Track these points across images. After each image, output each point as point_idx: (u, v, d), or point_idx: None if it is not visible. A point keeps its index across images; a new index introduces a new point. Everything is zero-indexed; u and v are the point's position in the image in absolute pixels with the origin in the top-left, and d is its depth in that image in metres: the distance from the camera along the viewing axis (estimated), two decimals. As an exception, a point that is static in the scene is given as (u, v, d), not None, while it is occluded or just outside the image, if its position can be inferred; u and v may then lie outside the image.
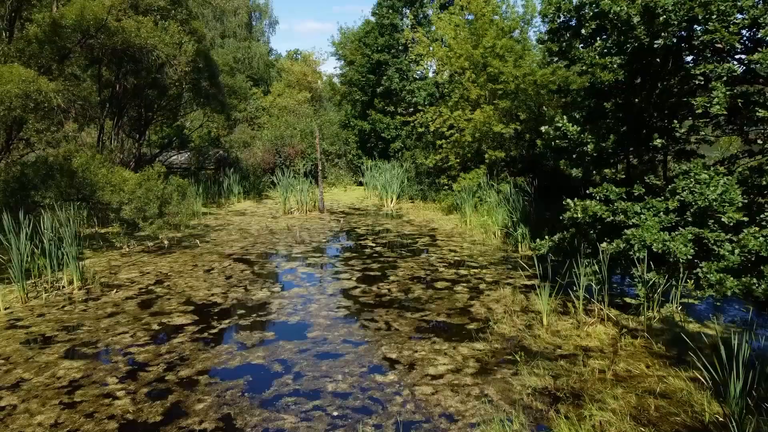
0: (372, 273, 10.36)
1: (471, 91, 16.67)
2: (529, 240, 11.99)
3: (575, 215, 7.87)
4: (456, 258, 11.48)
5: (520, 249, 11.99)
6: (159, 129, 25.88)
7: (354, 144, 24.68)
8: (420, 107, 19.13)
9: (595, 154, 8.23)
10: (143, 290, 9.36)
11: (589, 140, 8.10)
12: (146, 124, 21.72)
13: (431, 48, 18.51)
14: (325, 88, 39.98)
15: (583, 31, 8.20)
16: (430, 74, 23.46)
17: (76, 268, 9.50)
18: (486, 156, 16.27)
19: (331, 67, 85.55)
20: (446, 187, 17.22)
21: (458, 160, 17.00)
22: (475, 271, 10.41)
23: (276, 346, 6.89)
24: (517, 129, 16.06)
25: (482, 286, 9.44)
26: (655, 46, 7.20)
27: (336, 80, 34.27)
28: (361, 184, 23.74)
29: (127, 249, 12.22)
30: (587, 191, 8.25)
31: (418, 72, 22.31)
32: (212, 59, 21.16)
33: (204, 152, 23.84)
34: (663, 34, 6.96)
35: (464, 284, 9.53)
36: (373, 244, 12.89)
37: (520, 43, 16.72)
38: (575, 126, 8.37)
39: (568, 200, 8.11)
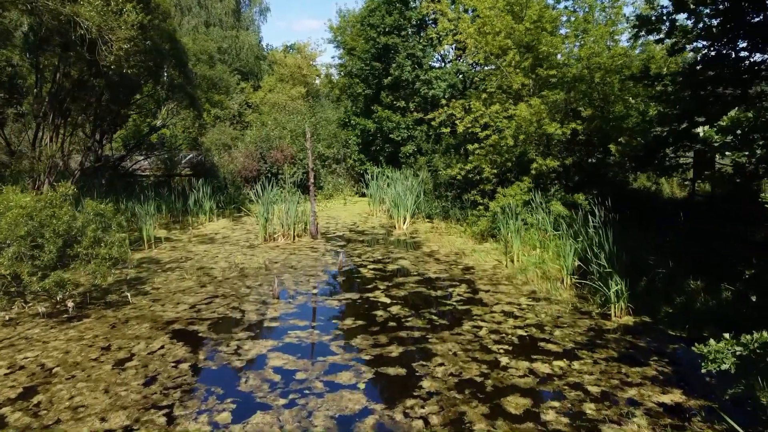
0: (391, 369, 6.23)
1: (513, 79, 12.53)
2: (625, 297, 7.85)
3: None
4: (518, 330, 7.36)
5: (613, 312, 7.86)
6: (134, 129, 21.81)
7: (355, 147, 20.54)
8: (444, 101, 14.97)
9: None
10: (-14, 419, 5.24)
11: None
12: (99, 123, 17.61)
13: (456, 25, 14.34)
14: (322, 83, 35.88)
15: None
16: (447, 64, 19.32)
17: None
18: (533, 165, 12.16)
19: (328, 58, 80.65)
20: (479, 205, 13.07)
21: (495, 171, 12.86)
22: (561, 365, 6.28)
23: None
24: (577, 129, 11.93)
25: (589, 408, 5.31)
26: None
27: (334, 72, 30.19)
28: (364, 195, 19.62)
29: (9, 315, 8.06)
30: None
31: (436, 57, 18.15)
32: (179, 42, 17.04)
33: (173, 156, 19.71)
34: None
35: (555, 403, 5.42)
36: (387, 300, 8.76)
37: (579, 11, 12.57)
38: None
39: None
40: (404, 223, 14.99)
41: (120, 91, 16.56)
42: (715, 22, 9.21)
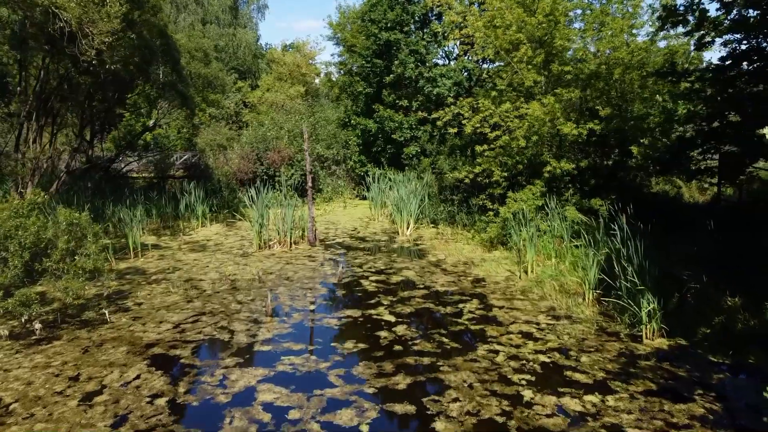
0: (398, 405, 5.42)
1: (524, 76, 11.71)
2: (658, 317, 7.03)
3: None
4: (540, 355, 6.55)
5: (645, 334, 7.05)
6: (126, 129, 21.02)
7: (356, 147, 19.74)
8: (450, 99, 14.14)
9: None
10: None
11: None
12: (89, 123, 16.82)
13: (463, 18, 13.52)
14: (321, 82, 35.09)
15: None
16: (452, 61, 18.51)
17: None
18: (546, 168, 11.35)
19: (328, 56, 79.51)
20: (489, 210, 12.26)
21: (505, 174, 12.06)
22: (593, 401, 5.46)
23: None
24: (594, 129, 11.12)
25: (634, 459, 4.50)
26: None
27: (333, 70, 29.39)
28: (364, 198, 18.81)
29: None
30: None
31: (440, 54, 17.34)
32: (171, 38, 16.22)
33: (167, 158, 18.90)
34: None
35: (593, 451, 4.61)
36: (392, 318, 7.95)
37: (596, 3, 11.76)
38: None
39: None
40: (408, 228, 14.19)
41: (109, 89, 15.77)
42: (752, 12, 8.42)
